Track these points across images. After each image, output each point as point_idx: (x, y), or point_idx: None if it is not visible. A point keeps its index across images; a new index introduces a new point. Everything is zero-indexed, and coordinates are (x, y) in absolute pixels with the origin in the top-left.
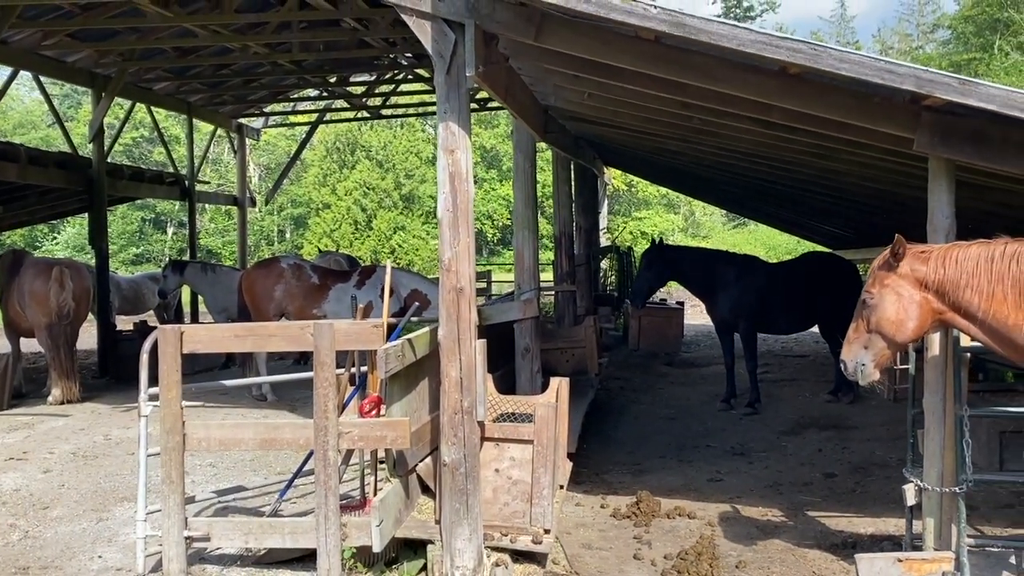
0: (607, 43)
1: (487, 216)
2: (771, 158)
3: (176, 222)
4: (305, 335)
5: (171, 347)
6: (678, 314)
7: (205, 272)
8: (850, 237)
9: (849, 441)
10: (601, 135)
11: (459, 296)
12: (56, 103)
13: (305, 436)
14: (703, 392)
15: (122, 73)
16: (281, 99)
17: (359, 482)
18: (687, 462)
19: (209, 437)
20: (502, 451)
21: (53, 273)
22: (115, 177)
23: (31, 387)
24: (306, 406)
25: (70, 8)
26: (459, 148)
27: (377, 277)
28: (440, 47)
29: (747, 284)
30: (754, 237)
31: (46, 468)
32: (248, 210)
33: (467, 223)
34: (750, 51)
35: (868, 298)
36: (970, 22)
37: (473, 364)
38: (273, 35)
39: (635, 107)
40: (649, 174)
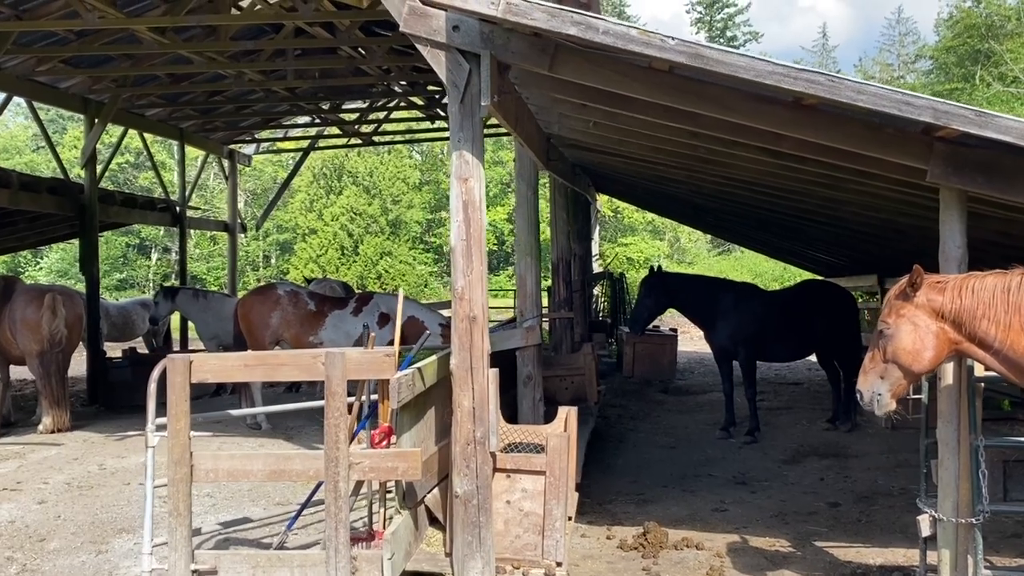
0: (621, 73)
1: None
2: (773, 187)
3: (160, 248)
4: (316, 364)
5: (180, 377)
6: (672, 341)
7: (196, 299)
8: (842, 264)
9: (850, 470)
10: (599, 163)
11: (472, 325)
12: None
13: (315, 467)
14: (700, 420)
15: (116, 99)
16: (272, 125)
17: (366, 513)
18: (690, 491)
19: (217, 468)
20: (513, 482)
21: (46, 300)
22: (107, 203)
23: (19, 415)
24: (301, 435)
25: (65, 34)
26: (472, 176)
27: (374, 304)
28: (454, 77)
29: (746, 312)
30: (740, 264)
31: (41, 499)
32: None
33: (480, 251)
34: (768, 82)
35: (884, 328)
36: (952, 53)
37: (486, 394)
38: (268, 62)
39: (641, 136)
40: (643, 201)
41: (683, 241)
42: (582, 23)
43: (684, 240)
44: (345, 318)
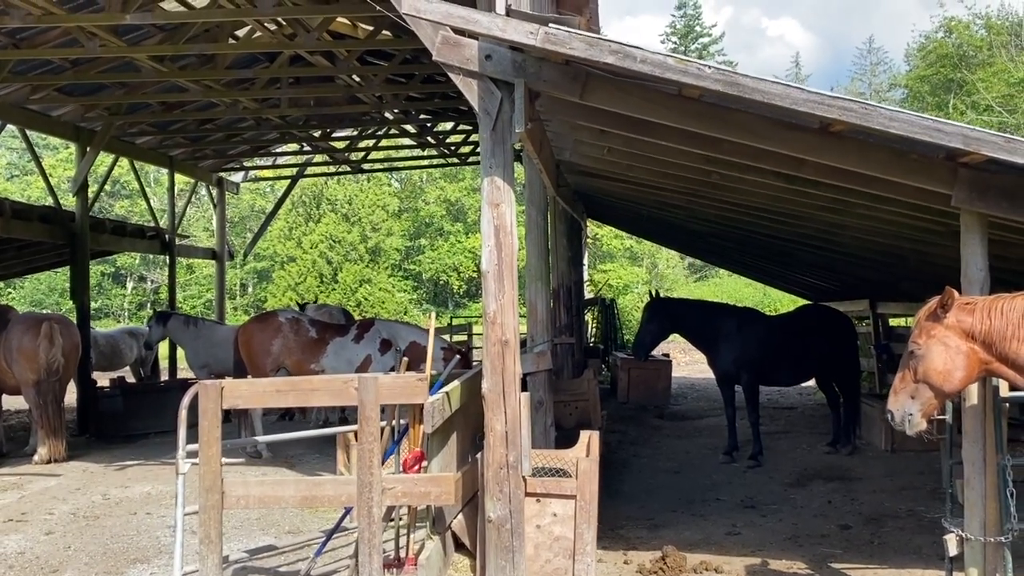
0: (650, 100)
1: (453, 269)
2: (777, 212)
3: (136, 276)
4: (349, 389)
5: (212, 403)
6: (666, 366)
7: (187, 326)
8: (833, 289)
9: (856, 493)
10: (600, 189)
11: (504, 348)
12: (17, 157)
13: (347, 492)
14: (701, 445)
15: (108, 127)
16: (262, 153)
17: (393, 539)
18: (700, 516)
19: (248, 495)
20: (543, 507)
21: (43, 329)
22: (97, 231)
23: (9, 446)
24: (303, 463)
25: (60, 62)
26: (504, 201)
27: (375, 331)
28: (486, 104)
29: (749, 336)
30: (719, 289)
31: (48, 530)
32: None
33: (512, 276)
34: (802, 109)
35: (915, 348)
36: (925, 82)
37: (518, 417)
38: (262, 90)
39: (654, 161)
40: (633, 227)
41: (661, 267)
42: (619, 52)
43: (662, 266)
44: (347, 345)
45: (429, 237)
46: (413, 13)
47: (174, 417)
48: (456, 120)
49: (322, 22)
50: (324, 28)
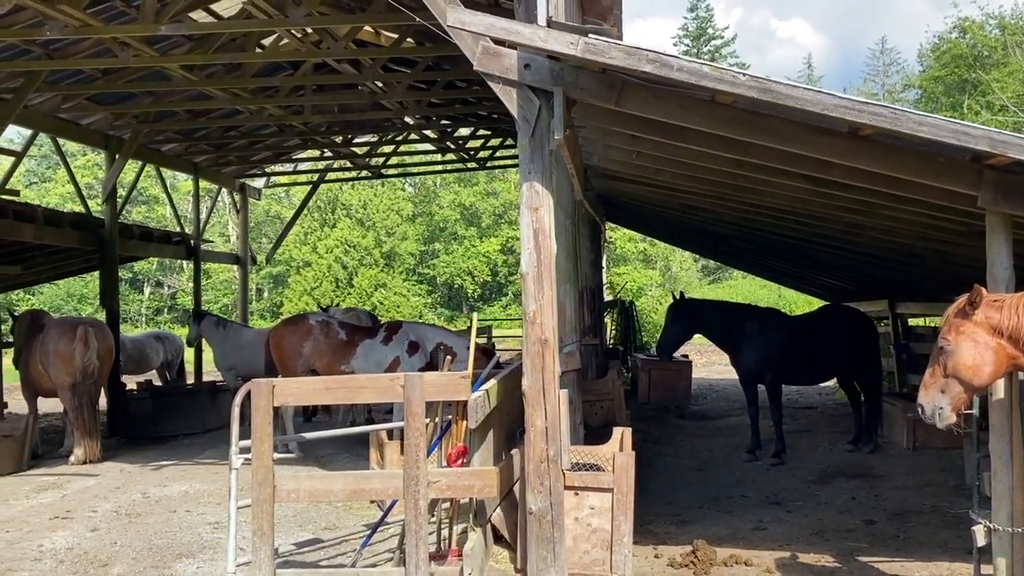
0: (684, 107)
1: (467, 272)
2: (802, 213)
3: (153, 282)
4: (395, 387)
5: (264, 400)
6: (687, 367)
7: (217, 327)
8: (852, 289)
9: (880, 489)
10: (622, 192)
11: (543, 347)
12: (35, 164)
13: (394, 486)
14: (723, 444)
15: (136, 135)
16: (283, 159)
17: (435, 531)
18: (726, 512)
19: (299, 489)
20: (581, 500)
21: (78, 332)
22: (125, 237)
23: (43, 447)
24: (334, 462)
25: (91, 72)
26: (543, 206)
27: (403, 333)
28: (525, 112)
29: (772, 336)
30: (734, 291)
31: (93, 527)
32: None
33: (550, 277)
34: (833, 115)
35: (945, 345)
36: (939, 82)
37: (558, 414)
38: (287, 97)
39: (682, 165)
40: (653, 229)
41: (675, 269)
42: (657, 60)
43: (676, 268)
44: (375, 347)
45: (443, 241)
46: (457, 25)
47: (202, 419)
48: (475, 125)
49: (349, 31)
50: (351, 37)
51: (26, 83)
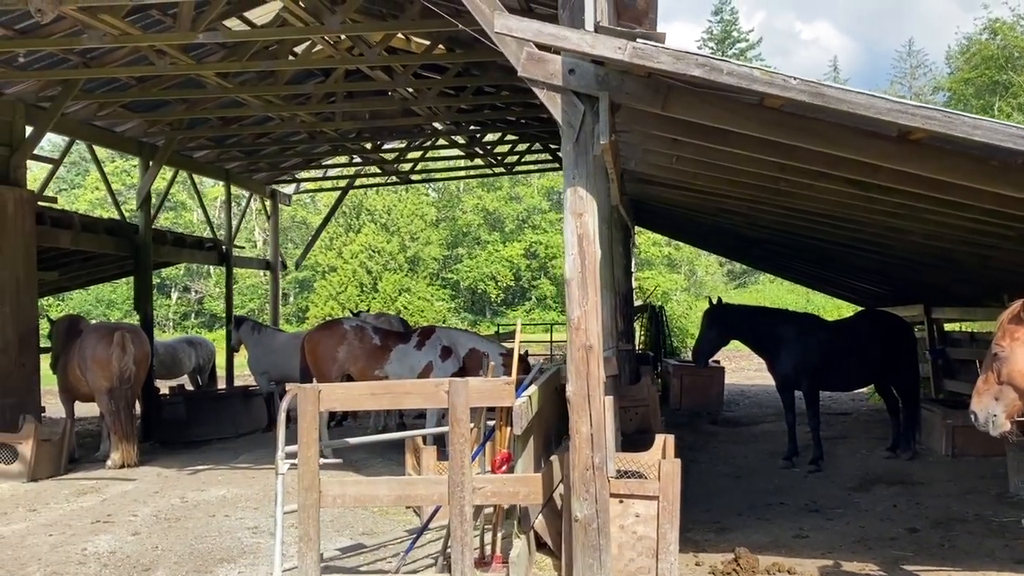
0: (731, 111)
1: (490, 277)
2: (841, 217)
3: (180, 287)
4: (440, 392)
5: (310, 405)
6: (719, 373)
7: (253, 332)
8: (885, 294)
9: (921, 497)
10: (655, 196)
11: (588, 353)
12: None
13: (439, 492)
14: (758, 450)
15: (170, 142)
16: (313, 166)
17: (479, 537)
18: (765, 519)
19: (344, 494)
20: (626, 507)
21: (115, 338)
22: (159, 243)
23: (80, 452)
24: (367, 467)
25: (126, 80)
26: (587, 212)
27: (436, 338)
28: (570, 117)
29: (809, 342)
30: (761, 295)
31: (134, 531)
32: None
33: (595, 283)
34: (885, 118)
35: (999, 351)
36: (969, 84)
37: (603, 420)
38: (319, 104)
39: (723, 169)
40: (683, 233)
41: (700, 274)
42: (706, 65)
43: (701, 273)
44: (409, 352)
45: (467, 246)
46: (504, 32)
47: (234, 423)
48: (503, 130)
49: (383, 38)
50: (385, 44)
51: (64, 91)
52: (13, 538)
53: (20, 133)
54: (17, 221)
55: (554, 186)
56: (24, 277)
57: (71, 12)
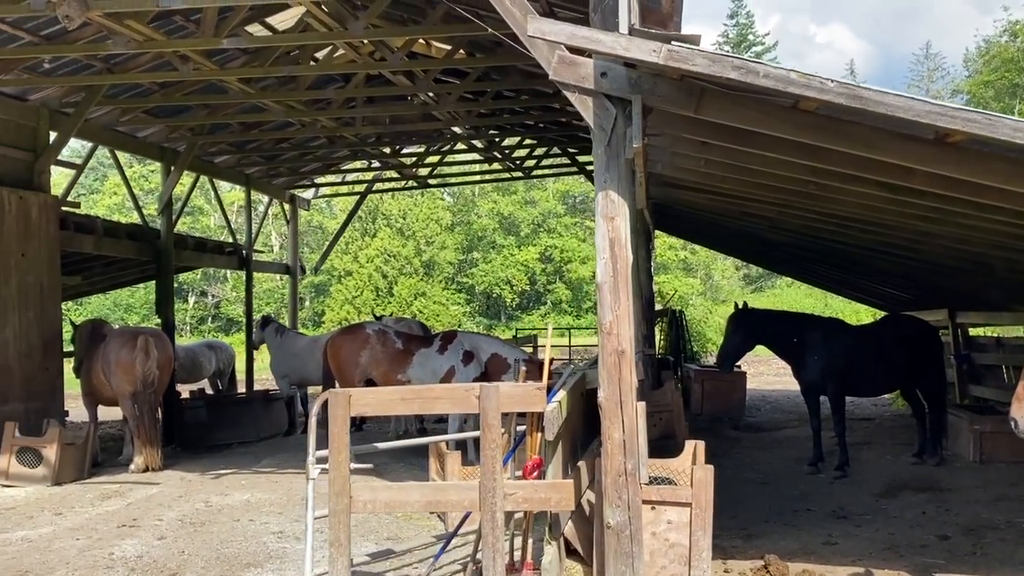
0: (766, 113)
1: (506, 282)
2: (869, 221)
3: (197, 291)
4: (470, 397)
5: (341, 410)
6: (741, 379)
7: (275, 334)
8: (909, 299)
9: (950, 503)
10: (678, 199)
11: (620, 358)
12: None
13: (470, 498)
14: (782, 456)
15: (191, 147)
16: (332, 170)
17: (508, 543)
18: (793, 526)
19: (375, 499)
20: (658, 514)
21: (139, 342)
22: (180, 247)
23: (102, 455)
24: (389, 472)
25: (149, 86)
26: (619, 215)
27: (458, 343)
28: (601, 121)
29: (835, 346)
30: (779, 300)
31: (160, 535)
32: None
33: (626, 287)
34: (924, 121)
35: None
36: (989, 87)
37: (635, 426)
38: (340, 109)
39: (751, 172)
40: (702, 236)
41: (716, 278)
42: (742, 67)
43: (717, 277)
44: (431, 356)
45: (482, 250)
46: (538, 35)
47: (255, 427)
48: (522, 135)
49: (406, 43)
50: (407, 49)
51: (87, 97)
52: (40, 542)
53: (44, 139)
54: (41, 226)
55: (569, 190)
56: (48, 282)
57: (97, 18)
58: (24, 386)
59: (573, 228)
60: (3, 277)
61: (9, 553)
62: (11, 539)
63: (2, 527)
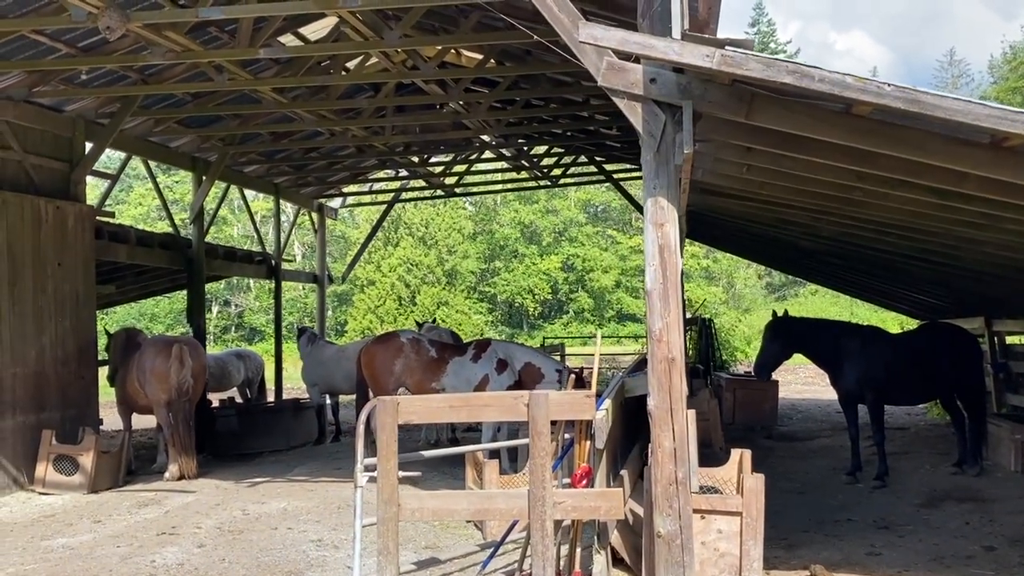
0: (818, 118)
1: (528, 291)
2: (910, 228)
3: (221, 301)
4: (519, 405)
5: (389, 418)
6: (774, 387)
7: (308, 343)
8: (944, 306)
9: (993, 514)
10: (713, 206)
11: (671, 366)
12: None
13: (519, 506)
14: (818, 466)
15: (223, 157)
16: (360, 180)
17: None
18: (835, 536)
19: (423, 507)
20: (708, 523)
21: (173, 351)
22: (210, 256)
23: (136, 463)
24: (423, 481)
25: (182, 96)
26: (668, 222)
27: (492, 351)
28: (651, 127)
29: (873, 355)
30: (803, 308)
31: (199, 543)
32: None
33: (676, 294)
34: (985, 125)
35: None
36: (1016, 93)
37: (686, 434)
38: (371, 119)
39: (794, 178)
40: (724, 242)
41: (739, 286)
42: (797, 71)
43: (740, 285)
44: (465, 364)
45: (504, 259)
46: (589, 41)
47: (286, 436)
48: (550, 143)
49: (439, 52)
50: (440, 58)
51: (122, 108)
52: (82, 549)
53: (80, 149)
54: (77, 235)
55: (591, 199)
56: (84, 291)
57: (136, 29)
58: (60, 394)
59: (595, 237)
60: (40, 286)
61: (52, 560)
62: (53, 546)
63: (43, 534)
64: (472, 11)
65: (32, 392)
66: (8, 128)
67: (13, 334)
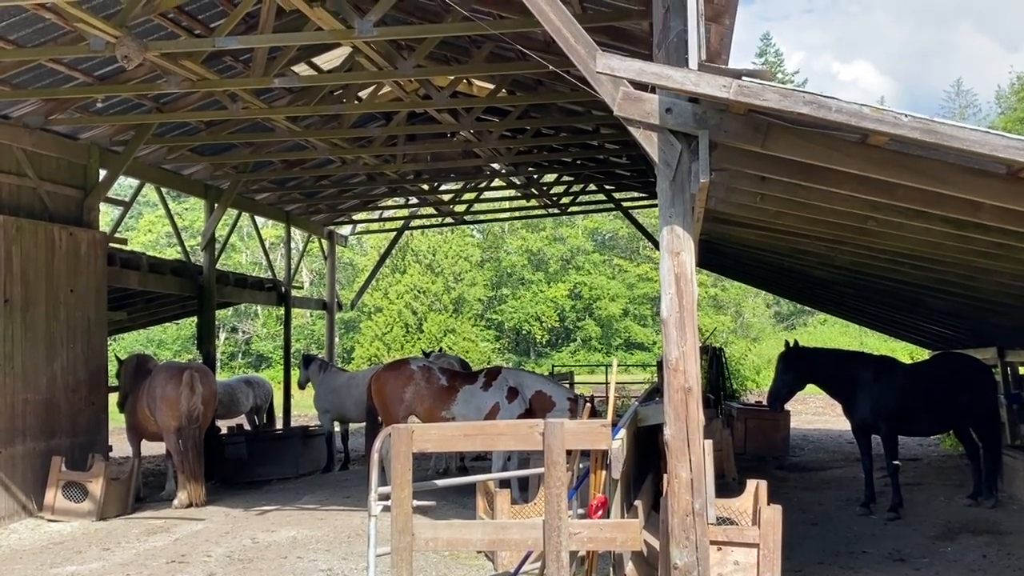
0: (833, 148)
1: (535, 318)
2: (924, 258)
3: (228, 327)
4: (534, 434)
5: (404, 446)
6: (785, 417)
7: (319, 370)
8: (957, 337)
9: (1010, 547)
10: (724, 235)
11: (687, 396)
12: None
13: (533, 536)
14: (831, 497)
15: (235, 184)
16: (370, 207)
17: None
18: (850, 569)
19: (437, 537)
20: (725, 555)
21: (184, 377)
22: (222, 283)
23: (144, 491)
24: (432, 511)
25: (196, 124)
26: (684, 250)
27: (502, 379)
28: (666, 156)
29: (887, 385)
30: (812, 338)
31: (209, 572)
32: (307, 314)
33: (692, 323)
34: (1001, 155)
35: None
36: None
37: (702, 464)
38: (382, 147)
39: (809, 208)
40: (733, 271)
41: (747, 315)
42: (814, 102)
43: (748, 314)
44: (475, 392)
45: (511, 287)
46: (606, 71)
47: (295, 463)
48: (560, 171)
49: (451, 81)
50: (453, 88)
51: (137, 136)
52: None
53: (94, 176)
54: (90, 262)
55: (598, 227)
56: (95, 317)
57: (153, 58)
58: (70, 421)
59: (602, 266)
60: (53, 312)
61: None
62: (61, 574)
63: (52, 562)
64: (484, 42)
65: (43, 419)
66: (24, 156)
67: (25, 360)
